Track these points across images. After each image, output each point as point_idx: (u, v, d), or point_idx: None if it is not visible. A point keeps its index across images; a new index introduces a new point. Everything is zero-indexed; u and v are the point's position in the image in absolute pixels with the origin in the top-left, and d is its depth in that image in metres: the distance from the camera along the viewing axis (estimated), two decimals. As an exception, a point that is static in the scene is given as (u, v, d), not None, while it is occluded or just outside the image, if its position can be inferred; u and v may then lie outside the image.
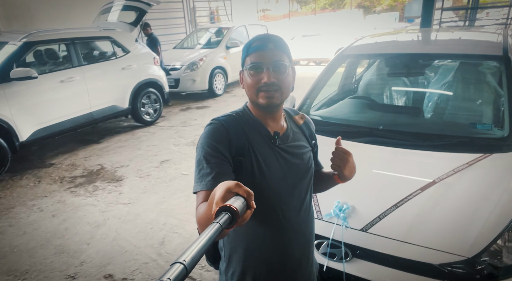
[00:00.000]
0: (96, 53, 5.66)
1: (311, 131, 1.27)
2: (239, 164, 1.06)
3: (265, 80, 1.03)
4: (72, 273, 2.53)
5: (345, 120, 2.39)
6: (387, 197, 1.70)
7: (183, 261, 0.53)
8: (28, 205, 3.58)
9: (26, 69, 4.33)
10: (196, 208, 0.95)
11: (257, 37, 1.08)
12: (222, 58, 8.37)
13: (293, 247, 1.15)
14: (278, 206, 1.10)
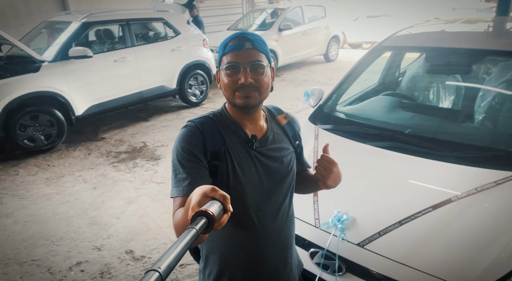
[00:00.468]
0: (148, 34, 5.89)
1: (295, 132, 1.23)
2: (215, 169, 1.04)
3: (242, 81, 1.00)
4: (99, 245, 2.75)
5: (369, 119, 2.22)
6: (392, 211, 1.57)
7: (157, 268, 0.52)
8: (75, 175, 3.92)
9: (82, 48, 4.65)
10: (173, 214, 0.95)
11: (233, 35, 1.04)
12: (273, 40, 8.22)
13: (269, 252, 1.14)
14: (253, 212, 1.09)
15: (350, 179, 1.78)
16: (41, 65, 4.47)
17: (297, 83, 7.84)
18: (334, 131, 2.14)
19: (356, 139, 2.02)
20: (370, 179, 1.77)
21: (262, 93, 1.04)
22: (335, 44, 10.22)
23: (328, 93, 2.55)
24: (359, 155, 1.94)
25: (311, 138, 2.13)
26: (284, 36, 8.48)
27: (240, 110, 1.06)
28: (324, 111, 2.40)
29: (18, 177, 3.93)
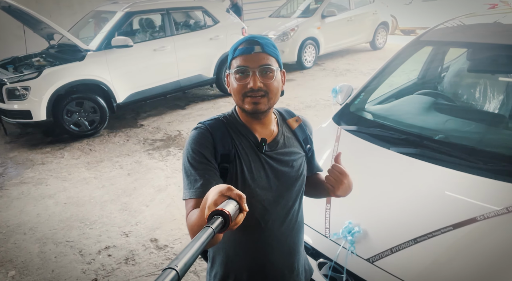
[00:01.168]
0: (187, 23, 5.96)
1: (306, 135, 1.21)
2: (225, 171, 1.05)
3: (251, 85, 0.99)
4: (127, 231, 2.89)
5: (397, 122, 2.07)
6: (408, 227, 1.46)
7: (175, 266, 0.53)
8: (113, 161, 4.13)
9: (124, 38, 4.81)
10: (186, 216, 0.97)
11: (243, 39, 1.04)
12: (315, 28, 7.96)
13: (275, 257, 1.14)
14: (261, 216, 1.08)
15: (367, 187, 1.70)
16: (86, 54, 4.71)
17: (338, 72, 7.57)
18: (357, 133, 2.02)
19: (379, 144, 1.89)
20: (387, 190, 1.66)
21: (271, 98, 1.02)
22: (383, 31, 9.68)
23: (357, 90, 2.42)
24: (380, 161, 1.82)
25: (332, 139, 2.04)
26: (327, 23, 8.18)
27: (250, 115, 1.05)
28: (350, 110, 2.28)
29: (63, 160, 4.22)
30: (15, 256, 2.66)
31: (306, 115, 5.12)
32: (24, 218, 3.13)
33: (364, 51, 9.51)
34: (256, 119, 1.06)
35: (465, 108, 2.34)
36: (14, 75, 4.48)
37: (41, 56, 5.22)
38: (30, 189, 3.60)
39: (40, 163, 4.17)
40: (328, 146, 2.00)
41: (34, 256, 2.66)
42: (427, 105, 2.22)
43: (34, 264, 2.58)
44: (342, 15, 8.47)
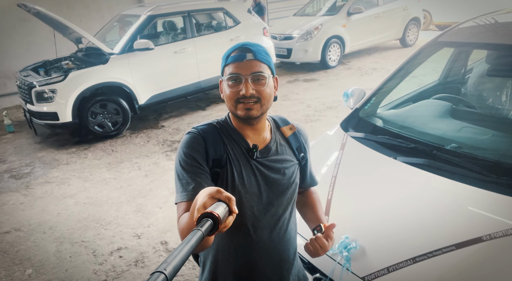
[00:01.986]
0: (208, 25, 5.99)
1: (300, 143, 1.21)
2: (216, 176, 1.06)
3: (244, 92, 1.00)
4: (140, 232, 2.95)
5: (408, 129, 1.96)
6: (408, 245, 1.37)
7: (163, 270, 0.54)
8: (133, 162, 4.23)
9: (145, 41, 4.92)
10: (178, 219, 0.98)
11: (236, 46, 1.06)
12: (340, 26, 7.77)
13: (263, 265, 1.14)
14: (250, 222, 1.08)
15: (367, 200, 1.62)
16: (109, 57, 4.85)
17: (364, 71, 7.35)
18: (364, 140, 1.93)
19: (386, 152, 1.80)
20: (389, 203, 1.56)
21: (264, 104, 1.04)
22: (414, 27, 9.30)
23: (368, 94, 2.31)
24: (384, 172, 1.72)
25: (336, 148, 1.96)
26: (353, 21, 7.96)
27: (242, 121, 1.07)
28: (359, 116, 2.19)
29: (86, 160, 4.38)
30: (33, 255, 2.78)
31: (327, 117, 5.05)
32: (45, 217, 3.27)
33: (394, 48, 9.18)
34: (248, 125, 1.07)
35: (484, 115, 2.18)
36: (43, 78, 4.69)
37: (70, 59, 5.44)
38: (53, 189, 3.76)
39: (65, 163, 4.35)
40: (332, 155, 1.93)
41: (51, 255, 2.76)
42: (443, 110, 2.08)
43: (50, 263, 2.68)
44: (370, 12, 8.21)
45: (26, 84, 4.66)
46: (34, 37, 6.84)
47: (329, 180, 1.75)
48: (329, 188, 1.71)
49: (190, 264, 2.52)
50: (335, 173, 1.78)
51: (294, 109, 5.40)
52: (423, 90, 2.63)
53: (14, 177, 4.09)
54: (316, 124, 4.80)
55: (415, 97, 2.53)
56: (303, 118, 5.05)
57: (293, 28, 7.79)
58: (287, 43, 7.56)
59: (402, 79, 2.37)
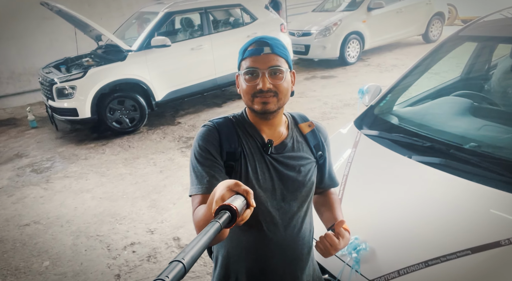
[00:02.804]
0: (225, 21, 5.98)
1: (319, 141, 1.18)
2: (230, 169, 1.05)
3: (261, 86, 0.99)
4: (153, 228, 2.97)
5: (425, 127, 1.88)
6: (420, 247, 1.32)
7: (181, 259, 0.54)
8: (149, 158, 4.28)
9: (162, 38, 4.95)
10: (193, 212, 0.98)
11: (253, 40, 1.04)
12: (360, 21, 7.61)
13: (276, 262, 1.12)
14: (263, 218, 1.07)
15: (379, 200, 1.56)
16: (127, 54, 4.91)
17: (383, 68, 7.18)
18: (378, 138, 1.87)
19: (401, 151, 1.73)
20: (401, 204, 1.50)
21: (281, 98, 1.02)
22: (438, 22, 9.01)
23: (384, 91, 2.24)
24: (398, 172, 1.66)
25: (349, 145, 1.91)
26: (373, 16, 7.78)
27: (259, 116, 1.05)
28: (374, 113, 2.12)
29: (104, 155, 4.46)
30: (51, 247, 2.85)
31: (344, 114, 4.95)
32: (63, 210, 3.35)
33: (416, 44, 8.93)
34: (265, 119, 1.06)
35: (507, 113, 2.07)
36: (63, 75, 4.80)
37: (90, 56, 5.55)
38: (72, 183, 3.85)
39: (83, 158, 4.45)
40: (344, 153, 1.87)
41: (67, 248, 2.83)
42: (462, 108, 1.99)
43: (66, 256, 2.74)
44: (391, 7, 8.00)
45: (48, 81, 4.78)
46: (56, 34, 7.02)
47: (340, 179, 1.69)
48: (340, 187, 1.66)
49: (201, 261, 2.52)
50: (346, 171, 1.73)
51: (310, 106, 5.33)
52: (443, 86, 2.53)
53: (35, 171, 4.22)
54: (333, 122, 4.71)
55: (435, 94, 2.44)
56: (320, 116, 4.97)
57: (311, 24, 7.68)
58: (305, 39, 7.46)
59: (420, 75, 2.28)
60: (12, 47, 6.84)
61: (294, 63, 8.15)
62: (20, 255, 2.79)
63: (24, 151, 4.85)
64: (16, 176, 4.13)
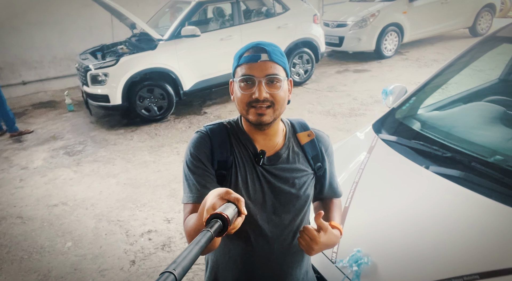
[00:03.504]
0: (256, 11, 5.89)
1: (318, 152, 1.12)
2: (222, 178, 1.04)
3: (257, 95, 0.95)
4: (170, 217, 3.04)
5: (447, 134, 1.75)
6: (425, 267, 1.24)
7: (173, 270, 0.54)
8: (173, 146, 4.36)
9: (192, 28, 4.97)
10: (184, 220, 0.99)
11: (249, 46, 1.00)
12: (400, 13, 7.23)
13: (262, 274, 1.10)
14: (251, 230, 1.05)
15: (388, 212, 1.49)
16: (158, 43, 4.99)
17: (422, 63, 6.82)
18: (395, 145, 1.77)
19: (417, 160, 1.63)
20: (411, 219, 1.42)
21: (277, 109, 0.98)
22: (487, 14, 8.40)
23: (409, 92, 2.11)
24: (412, 183, 1.57)
25: (363, 150, 1.82)
26: (415, 7, 7.37)
27: (253, 126, 1.02)
28: (395, 117, 2.01)
29: (132, 142, 4.60)
30: (74, 229, 3.00)
31: (373, 111, 4.76)
32: (89, 193, 3.51)
33: (461, 38, 8.40)
34: (259, 129, 1.03)
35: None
36: (98, 62, 4.97)
37: (125, 44, 5.69)
38: (99, 167, 4.01)
39: (113, 143, 4.61)
40: (357, 159, 1.79)
41: (89, 231, 2.96)
42: (493, 116, 1.84)
43: (87, 238, 2.88)
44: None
45: (83, 67, 4.97)
46: (95, 21, 7.25)
47: (349, 186, 1.63)
48: (348, 195, 1.60)
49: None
50: (357, 178, 1.66)
51: (339, 102, 5.18)
52: (477, 90, 2.35)
53: (68, 154, 4.43)
54: (360, 119, 4.56)
55: (467, 97, 2.28)
56: (347, 112, 4.82)
57: (347, 15, 7.42)
58: (339, 30, 7.22)
59: (450, 78, 2.13)
60: (54, 33, 7.15)
61: (327, 55, 7.93)
62: (46, 234, 2.96)
63: (60, 133, 5.11)
64: (50, 158, 4.36)
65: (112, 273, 2.50)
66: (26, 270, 2.59)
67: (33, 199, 3.48)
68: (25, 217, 3.21)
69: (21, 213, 3.28)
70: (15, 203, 3.45)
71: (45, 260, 2.68)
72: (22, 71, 7.10)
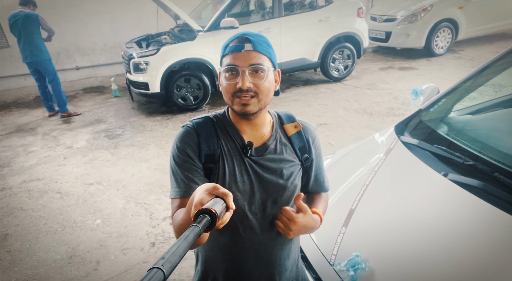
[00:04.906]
0: (297, 4, 5.78)
1: (305, 143, 1.12)
2: (209, 171, 1.05)
3: (240, 85, 0.95)
4: (192, 204, 3.12)
5: (474, 140, 1.61)
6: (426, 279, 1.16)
7: (161, 266, 0.54)
8: (205, 136, 4.45)
9: (231, 19, 5.00)
10: (172, 215, 1.01)
11: (235, 36, 1.01)
12: (456, 7, 6.74)
13: (251, 265, 1.11)
14: (239, 221, 1.06)
15: (395, 219, 1.41)
16: (197, 34, 5.09)
17: (477, 63, 6.32)
18: (414, 148, 1.67)
19: (436, 167, 1.52)
20: (419, 228, 1.33)
21: (261, 99, 0.98)
22: (558, 11, 7.56)
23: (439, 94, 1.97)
24: (426, 190, 1.47)
25: (380, 152, 1.73)
26: (474, 2, 6.84)
27: (239, 116, 1.02)
28: (421, 119, 1.88)
29: (166, 129, 4.77)
30: (105, 207, 3.18)
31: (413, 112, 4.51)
32: (122, 175, 3.70)
33: (524, 36, 7.67)
34: (246, 119, 1.02)
35: None
36: (141, 51, 5.18)
37: (168, 34, 5.88)
38: (134, 152, 4.21)
39: (149, 129, 4.81)
40: (372, 160, 1.71)
41: (118, 210, 3.13)
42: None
43: (115, 217, 3.04)
44: (498, -9, 6.93)
45: (128, 55, 5.21)
46: (143, 12, 7.55)
47: (359, 188, 1.57)
48: (356, 197, 1.54)
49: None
50: (368, 181, 1.59)
51: (378, 100, 4.97)
52: None
53: (108, 137, 4.70)
54: (398, 119, 4.30)
55: (508, 102, 2.08)
56: (386, 111, 4.62)
57: (397, 9, 7.05)
58: (386, 25, 6.90)
59: (489, 79, 1.95)
60: (106, 22, 7.56)
61: (372, 51, 7.64)
62: (80, 210, 3.17)
63: (104, 117, 5.42)
64: (92, 139, 4.65)
65: (133, 253, 2.62)
66: (58, 242, 2.80)
67: (72, 177, 3.74)
68: (63, 193, 3.46)
69: (60, 188, 3.54)
70: (56, 179, 3.73)
71: (75, 234, 2.87)
72: (76, 57, 7.60)
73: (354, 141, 3.88)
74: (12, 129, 5.18)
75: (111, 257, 2.59)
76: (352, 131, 4.18)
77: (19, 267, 2.55)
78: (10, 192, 3.54)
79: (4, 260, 2.63)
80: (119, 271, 2.45)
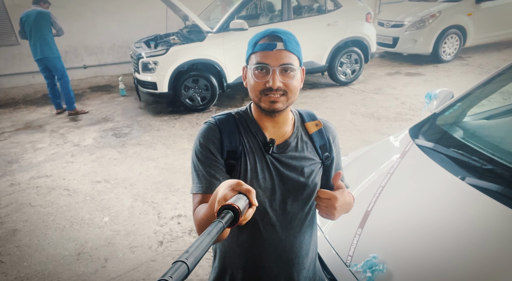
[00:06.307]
0: (306, 7, 5.80)
1: (326, 141, 1.13)
2: (231, 167, 1.05)
3: (270, 84, 0.96)
4: (200, 204, 3.12)
5: (491, 145, 1.61)
6: None
7: (185, 259, 0.55)
8: (212, 137, 4.45)
9: (240, 21, 5.02)
10: (194, 210, 1.02)
11: (265, 33, 0.99)
12: (464, 14, 6.74)
13: (270, 262, 1.11)
14: (260, 218, 1.06)
15: (412, 221, 1.41)
16: (206, 35, 5.11)
17: (485, 70, 6.32)
18: (430, 152, 1.67)
19: (453, 170, 1.52)
20: (436, 231, 1.33)
21: (290, 97, 0.99)
22: None
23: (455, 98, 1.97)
24: (443, 193, 1.46)
25: (395, 154, 1.73)
26: (483, 9, 6.83)
27: (264, 112, 1.02)
28: (436, 122, 1.89)
29: (174, 129, 4.78)
30: (113, 205, 3.19)
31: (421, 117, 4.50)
32: (130, 174, 3.70)
33: (533, 45, 7.66)
34: (270, 116, 1.03)
35: None
36: (149, 51, 5.20)
37: (177, 35, 5.90)
38: (141, 151, 4.22)
39: (156, 129, 4.82)
40: (387, 162, 1.71)
41: (125, 209, 3.13)
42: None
43: (123, 215, 3.05)
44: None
45: (136, 55, 5.23)
46: (152, 12, 7.59)
47: (374, 189, 1.57)
48: (372, 199, 1.53)
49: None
50: (384, 183, 1.59)
51: (385, 105, 4.97)
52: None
53: (115, 135, 4.71)
54: (406, 124, 4.33)
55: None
56: (393, 116, 4.61)
57: (405, 15, 7.06)
58: (394, 31, 6.90)
59: (506, 84, 1.95)
60: (115, 21, 7.60)
61: (378, 56, 7.64)
62: (87, 208, 3.18)
63: (111, 116, 5.44)
64: (100, 137, 4.66)
65: (141, 251, 2.62)
66: (66, 238, 2.80)
67: (80, 174, 3.75)
68: (71, 190, 3.47)
69: (68, 185, 3.55)
70: (64, 176, 3.74)
71: (83, 231, 2.88)
72: (84, 56, 7.64)
73: (361, 145, 3.87)
74: (21, 126, 5.21)
75: (119, 255, 2.59)
76: (359, 135, 4.18)
77: (28, 263, 2.55)
78: (18, 188, 3.55)
79: (13, 255, 2.64)
80: (127, 269, 2.45)
